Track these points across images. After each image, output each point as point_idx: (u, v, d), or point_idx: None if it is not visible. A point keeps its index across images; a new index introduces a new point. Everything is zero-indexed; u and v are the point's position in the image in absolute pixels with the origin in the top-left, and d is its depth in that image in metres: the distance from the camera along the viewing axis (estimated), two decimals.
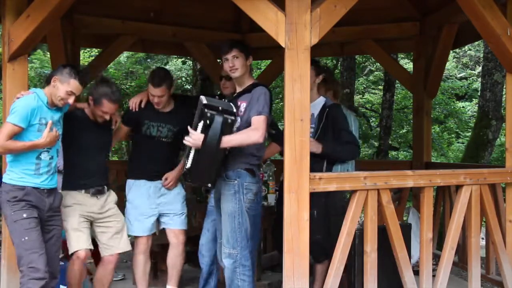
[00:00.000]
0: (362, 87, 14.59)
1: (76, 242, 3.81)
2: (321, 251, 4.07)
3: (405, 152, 12.96)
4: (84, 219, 3.88)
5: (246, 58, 3.71)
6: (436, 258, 4.44)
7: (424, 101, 5.94)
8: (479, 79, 10.68)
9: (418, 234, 4.03)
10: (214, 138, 3.40)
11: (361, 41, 6.17)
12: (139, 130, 4.27)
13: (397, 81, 9.27)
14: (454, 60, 14.99)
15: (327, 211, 4.09)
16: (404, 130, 13.18)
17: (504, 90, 7.51)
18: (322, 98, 4.24)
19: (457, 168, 4.43)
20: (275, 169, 4.88)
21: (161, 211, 4.29)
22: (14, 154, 3.48)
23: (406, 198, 5.89)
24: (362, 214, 3.67)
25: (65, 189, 3.89)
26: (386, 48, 6.18)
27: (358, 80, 13.81)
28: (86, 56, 11.98)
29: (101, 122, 3.92)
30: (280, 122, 9.64)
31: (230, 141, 3.48)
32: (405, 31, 5.98)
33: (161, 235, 4.50)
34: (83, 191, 3.90)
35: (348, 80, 9.79)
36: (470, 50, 15.01)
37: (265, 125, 3.55)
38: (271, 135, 4.21)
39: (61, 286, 4.07)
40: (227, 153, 3.60)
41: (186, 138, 3.50)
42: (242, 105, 3.67)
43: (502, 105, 7.87)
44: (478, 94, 9.79)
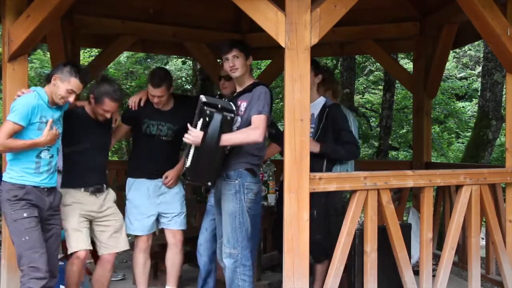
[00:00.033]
0: (362, 87, 14.58)
1: (76, 243, 3.81)
2: (321, 251, 4.06)
3: (405, 152, 12.95)
4: (84, 219, 3.87)
5: (246, 58, 3.71)
6: (436, 258, 4.44)
7: (424, 101, 5.94)
8: (479, 79, 10.67)
9: (418, 234, 4.03)
10: (213, 135, 3.40)
11: (361, 41, 6.17)
12: (139, 129, 4.27)
13: (397, 81, 9.26)
14: (454, 60, 14.98)
15: (327, 211, 4.09)
16: (404, 130, 13.17)
17: (504, 90, 7.50)
18: (322, 98, 4.24)
19: (457, 168, 4.43)
20: (275, 169, 4.88)
21: (160, 211, 4.29)
22: (14, 152, 3.48)
23: (406, 198, 5.89)
24: (362, 214, 3.67)
25: (64, 187, 3.88)
26: (386, 48, 6.18)
27: (358, 80, 13.81)
28: (86, 56, 11.97)
29: (101, 120, 3.92)
30: (280, 122, 9.64)
31: (229, 139, 3.48)
32: (405, 31, 5.98)
33: (161, 235, 4.50)
34: (83, 189, 3.90)
35: (348, 80, 9.79)
36: (470, 50, 15.01)
37: (265, 124, 3.55)
38: (271, 135, 4.20)
39: (61, 286, 4.06)
40: (228, 152, 3.60)
41: (186, 135, 3.50)
42: (242, 104, 3.67)
43: (502, 105, 7.87)
44: (478, 94, 9.78)
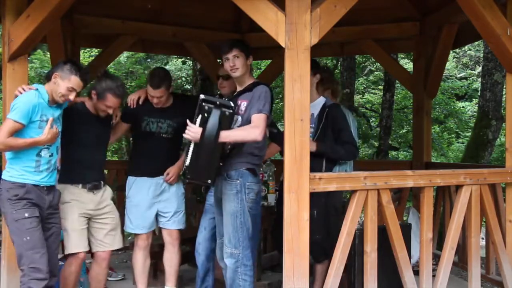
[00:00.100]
0: (362, 87, 14.58)
1: (75, 243, 3.80)
2: (321, 251, 4.06)
3: (405, 152, 12.95)
4: (83, 218, 3.85)
5: (247, 57, 3.71)
6: (436, 258, 4.44)
7: (424, 101, 5.94)
8: (479, 79, 10.67)
9: (418, 234, 4.03)
10: (212, 131, 3.40)
11: (361, 41, 6.17)
12: (139, 127, 4.26)
13: (397, 81, 9.26)
14: (454, 60, 14.99)
15: (327, 211, 4.09)
16: (404, 130, 13.17)
17: (504, 90, 7.51)
18: (322, 98, 4.24)
19: (457, 168, 4.42)
20: (275, 169, 4.88)
21: (159, 209, 4.29)
22: (15, 151, 3.47)
23: (406, 198, 5.89)
24: (362, 214, 3.67)
25: (62, 182, 3.84)
26: (386, 48, 6.18)
27: (358, 80, 13.81)
28: (86, 56, 11.98)
29: (103, 116, 3.91)
30: (280, 122, 9.64)
31: (228, 135, 3.48)
32: (405, 31, 5.98)
33: (160, 235, 4.50)
34: (80, 186, 3.86)
35: (348, 80, 9.79)
36: (470, 50, 15.01)
37: (265, 123, 3.54)
38: (271, 135, 4.20)
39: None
40: (228, 152, 3.60)
41: (185, 132, 3.50)
42: (243, 104, 3.67)
43: (502, 105, 7.87)
44: (478, 94, 9.78)
